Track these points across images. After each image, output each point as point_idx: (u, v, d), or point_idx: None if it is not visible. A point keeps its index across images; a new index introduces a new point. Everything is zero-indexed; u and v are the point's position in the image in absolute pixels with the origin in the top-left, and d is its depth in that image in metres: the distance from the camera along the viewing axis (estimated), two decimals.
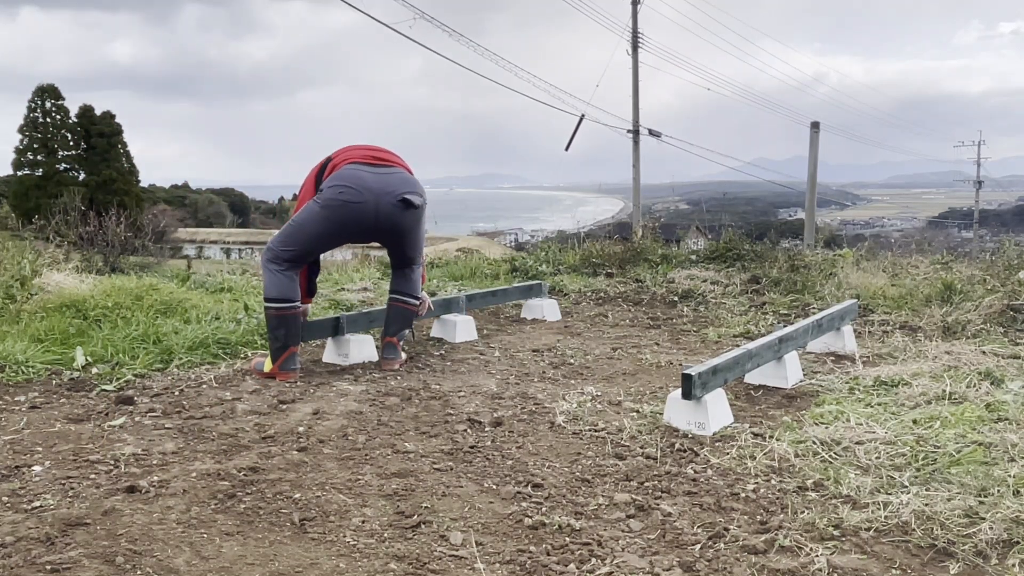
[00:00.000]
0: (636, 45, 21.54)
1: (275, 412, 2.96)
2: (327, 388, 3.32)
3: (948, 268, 6.19)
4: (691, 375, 2.66)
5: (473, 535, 1.93)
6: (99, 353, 3.61)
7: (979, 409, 2.78)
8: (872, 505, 2.08)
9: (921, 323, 4.63)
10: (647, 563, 1.79)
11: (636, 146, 21.16)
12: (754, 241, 7.93)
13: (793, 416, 2.86)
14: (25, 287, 4.59)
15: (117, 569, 1.74)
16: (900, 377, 3.26)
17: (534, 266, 7.10)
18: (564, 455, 2.51)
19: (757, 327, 4.71)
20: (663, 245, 8.20)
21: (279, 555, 1.81)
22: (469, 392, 3.25)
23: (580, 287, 6.27)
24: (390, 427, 2.78)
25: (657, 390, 3.31)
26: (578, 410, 2.97)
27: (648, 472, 2.35)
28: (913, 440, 2.50)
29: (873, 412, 2.83)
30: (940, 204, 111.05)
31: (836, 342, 4.02)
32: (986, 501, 2.05)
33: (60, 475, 2.28)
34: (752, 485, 2.24)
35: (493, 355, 4.02)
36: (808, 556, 1.82)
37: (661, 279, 6.46)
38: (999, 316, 4.65)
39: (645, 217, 15.70)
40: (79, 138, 37.64)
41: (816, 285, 5.88)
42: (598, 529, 1.97)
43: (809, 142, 14.95)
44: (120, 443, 2.57)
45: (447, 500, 2.14)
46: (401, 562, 1.79)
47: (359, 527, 1.97)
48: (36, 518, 1.98)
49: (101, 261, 7.21)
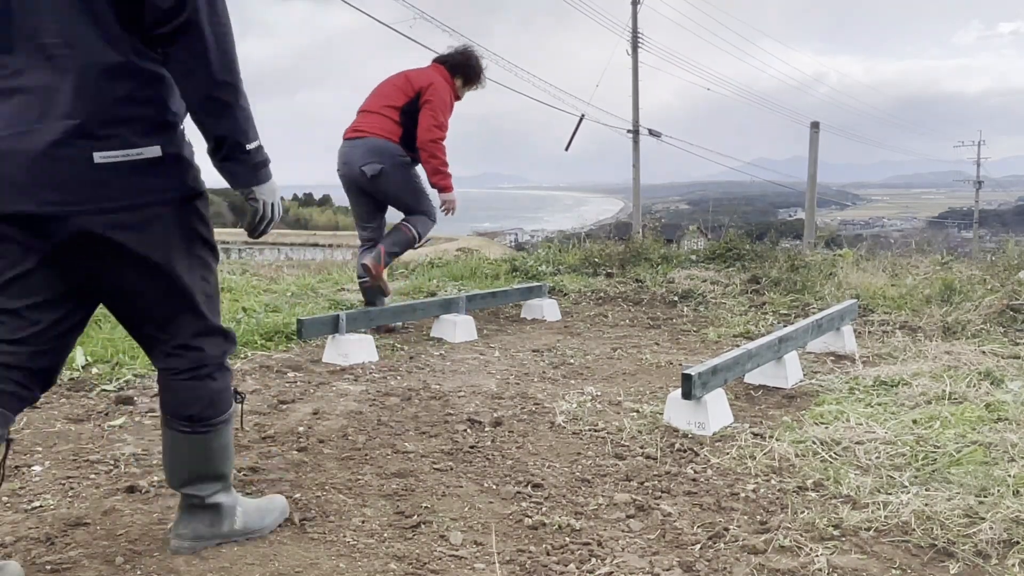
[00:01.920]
0: (636, 45, 21.55)
1: (275, 412, 2.96)
2: (327, 388, 3.33)
3: (948, 268, 6.19)
4: (691, 375, 2.66)
5: (473, 535, 1.93)
6: (99, 353, 3.61)
7: (979, 409, 2.78)
8: (872, 505, 2.08)
9: (921, 323, 4.63)
10: (647, 563, 1.79)
11: (636, 146, 21.17)
12: (754, 241, 7.93)
13: (793, 416, 2.86)
14: None
15: (117, 569, 1.74)
16: (900, 377, 3.26)
17: (534, 266, 7.11)
18: (564, 455, 2.51)
19: (757, 327, 4.71)
20: (663, 245, 8.20)
21: (279, 555, 1.81)
22: (469, 392, 3.25)
23: (580, 287, 6.27)
24: (390, 427, 2.78)
25: (657, 390, 3.31)
26: (578, 410, 2.97)
27: (648, 472, 2.35)
28: (913, 440, 2.50)
29: (873, 412, 2.83)
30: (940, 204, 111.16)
31: (836, 342, 4.02)
32: (986, 501, 2.05)
33: (60, 475, 2.28)
34: (752, 485, 2.24)
35: (493, 355, 4.02)
36: (808, 556, 1.82)
37: (661, 279, 6.46)
38: (999, 316, 4.65)
39: (645, 217, 15.72)
40: None
41: (816, 285, 5.88)
42: (598, 529, 1.97)
43: (809, 142, 14.94)
44: (120, 443, 2.57)
45: (447, 500, 2.14)
46: (401, 562, 1.79)
47: (359, 527, 1.97)
48: (36, 518, 1.98)
49: None
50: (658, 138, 21.83)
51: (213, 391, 1.76)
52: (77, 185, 1.53)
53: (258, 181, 1.70)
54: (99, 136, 1.53)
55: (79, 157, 1.52)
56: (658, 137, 21.79)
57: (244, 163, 1.67)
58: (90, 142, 1.53)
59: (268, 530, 1.91)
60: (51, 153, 1.51)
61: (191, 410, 1.74)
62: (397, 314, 4.37)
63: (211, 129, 1.62)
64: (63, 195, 1.53)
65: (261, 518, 1.91)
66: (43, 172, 1.51)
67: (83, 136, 1.52)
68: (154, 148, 1.59)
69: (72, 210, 1.53)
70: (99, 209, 1.55)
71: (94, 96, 1.53)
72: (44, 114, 1.51)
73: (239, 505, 1.87)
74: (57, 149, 1.51)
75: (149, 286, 1.66)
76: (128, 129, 1.56)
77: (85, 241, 1.57)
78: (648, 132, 21.45)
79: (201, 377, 1.75)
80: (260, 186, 1.71)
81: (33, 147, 1.51)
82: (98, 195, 1.55)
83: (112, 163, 1.54)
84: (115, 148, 1.55)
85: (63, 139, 1.51)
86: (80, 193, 1.53)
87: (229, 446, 1.84)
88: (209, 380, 1.76)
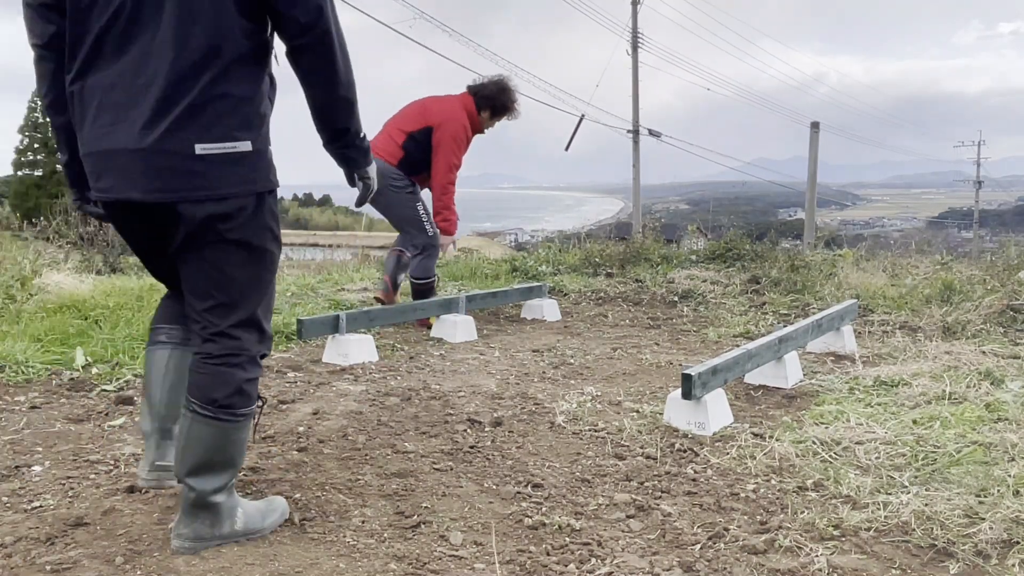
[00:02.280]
0: (636, 45, 21.55)
1: (275, 412, 2.96)
2: (327, 388, 3.33)
3: (948, 268, 6.19)
4: (691, 375, 2.66)
5: (473, 535, 1.93)
6: (99, 353, 3.61)
7: (979, 409, 2.78)
8: (872, 505, 2.08)
9: (921, 323, 4.63)
10: (647, 563, 1.79)
11: (636, 146, 21.16)
12: (754, 241, 7.93)
13: (793, 416, 2.86)
14: (25, 287, 4.59)
15: (117, 569, 1.74)
16: (900, 377, 3.26)
17: (534, 266, 7.11)
18: (564, 455, 2.51)
19: (757, 327, 4.71)
20: (663, 245, 8.20)
21: (279, 555, 1.81)
22: (469, 392, 3.25)
23: (580, 287, 6.27)
24: (390, 427, 2.78)
25: (657, 390, 3.31)
26: (578, 410, 2.97)
27: (648, 472, 2.35)
28: (913, 440, 2.50)
29: (873, 412, 2.83)
30: (940, 204, 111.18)
31: (836, 342, 4.02)
32: (986, 501, 2.05)
33: (60, 475, 2.28)
34: (752, 485, 2.24)
35: (493, 355, 4.02)
36: (808, 556, 1.82)
37: (661, 279, 6.46)
38: (999, 316, 4.65)
39: (645, 217, 15.70)
40: None
41: (816, 285, 5.88)
42: (598, 529, 1.97)
43: (809, 142, 14.94)
44: (120, 443, 2.57)
45: (447, 500, 2.14)
46: (401, 562, 1.79)
47: (359, 527, 1.97)
48: (36, 518, 1.98)
49: (101, 261, 7.19)
50: (658, 138, 21.82)
51: (241, 380, 1.83)
52: (179, 174, 1.70)
53: (368, 163, 1.99)
54: (200, 130, 1.69)
55: (182, 148, 1.68)
56: (658, 137, 21.79)
57: (359, 149, 1.93)
58: (192, 135, 1.68)
59: (268, 531, 1.92)
60: (157, 146, 1.68)
61: (217, 394, 1.80)
62: (397, 314, 4.37)
63: (335, 123, 1.85)
64: (166, 183, 1.70)
65: (262, 519, 1.93)
66: (150, 162, 1.68)
67: (187, 129, 1.68)
68: (246, 143, 1.74)
69: (173, 197, 1.71)
70: (195, 197, 1.71)
71: (199, 94, 1.67)
72: (154, 109, 1.67)
73: (239, 507, 1.89)
74: (163, 142, 1.67)
75: (220, 270, 1.79)
76: (225, 125, 1.71)
77: (180, 223, 1.74)
78: (648, 132, 21.45)
79: (232, 365, 1.82)
80: (369, 166, 2.00)
81: (142, 139, 1.67)
82: (195, 183, 1.71)
83: (210, 155, 1.70)
84: (214, 140, 1.70)
85: (169, 132, 1.67)
86: (181, 181, 1.70)
87: (243, 443, 1.88)
88: (239, 369, 1.83)
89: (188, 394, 1.83)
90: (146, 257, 1.98)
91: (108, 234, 7.19)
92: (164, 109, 1.66)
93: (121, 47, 1.68)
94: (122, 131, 1.68)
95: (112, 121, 1.69)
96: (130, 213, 1.79)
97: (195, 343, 1.85)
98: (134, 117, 1.67)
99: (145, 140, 1.67)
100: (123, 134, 1.68)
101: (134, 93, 1.67)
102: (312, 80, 1.78)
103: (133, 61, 1.67)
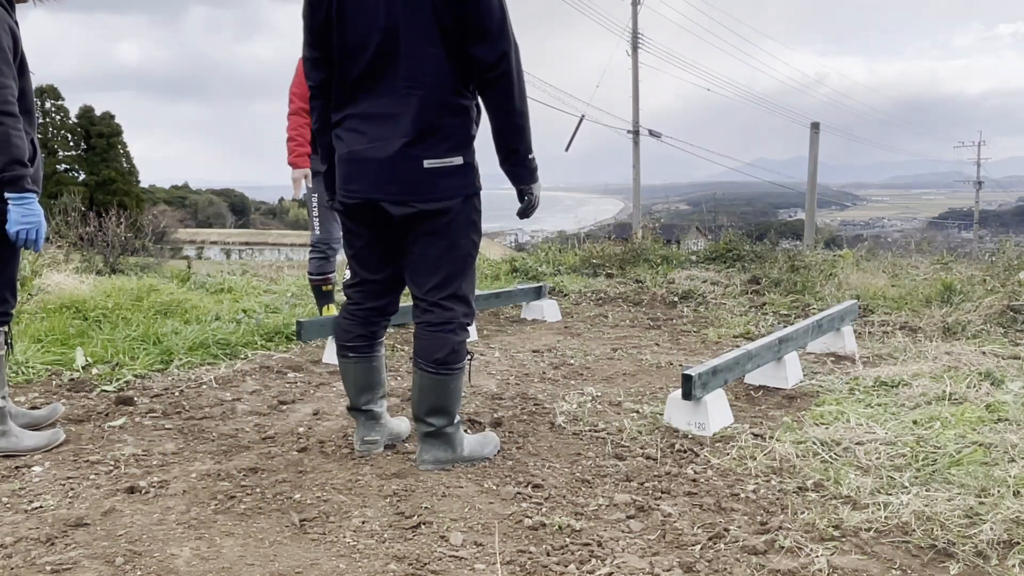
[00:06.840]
0: (636, 46, 21.55)
1: (275, 412, 2.96)
2: (327, 388, 3.33)
3: (948, 269, 6.20)
4: (691, 376, 2.66)
5: (473, 535, 1.93)
6: (99, 354, 3.61)
7: (979, 410, 2.78)
8: (872, 506, 2.07)
9: (921, 323, 4.63)
10: (647, 564, 1.78)
11: (636, 146, 21.17)
12: (754, 242, 7.94)
13: (793, 416, 2.86)
14: (25, 287, 4.59)
15: (117, 569, 1.74)
16: (900, 378, 3.26)
17: (534, 266, 7.11)
18: (564, 456, 2.51)
19: (757, 328, 4.71)
20: (663, 246, 8.21)
21: (279, 555, 1.81)
22: (469, 392, 3.25)
23: (580, 288, 6.27)
24: None
25: (657, 391, 3.31)
26: (578, 411, 2.97)
27: (648, 473, 2.35)
28: (913, 440, 2.50)
29: (873, 412, 2.83)
30: (940, 204, 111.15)
31: (836, 342, 4.02)
32: (986, 501, 2.04)
33: (60, 475, 2.28)
34: (752, 486, 2.24)
35: (493, 355, 4.02)
36: (808, 556, 1.82)
37: (661, 280, 6.47)
38: (999, 316, 4.65)
39: (645, 217, 15.71)
40: (79, 138, 37.66)
41: (816, 286, 5.88)
42: (598, 530, 1.97)
43: (809, 143, 14.95)
44: (120, 444, 2.57)
45: (447, 500, 2.14)
46: (401, 562, 1.79)
47: (359, 527, 1.97)
48: (36, 518, 1.98)
49: (101, 262, 7.19)
50: (658, 138, 21.83)
51: (454, 342, 2.30)
52: (411, 182, 2.18)
53: (533, 180, 2.33)
54: (427, 148, 2.17)
55: (414, 163, 2.17)
56: (658, 137, 21.79)
57: (527, 167, 2.30)
58: (422, 152, 2.16)
59: (488, 457, 2.43)
60: (395, 160, 2.17)
61: (438, 354, 2.29)
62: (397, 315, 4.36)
63: (509, 143, 2.25)
64: (401, 188, 2.19)
65: (481, 448, 2.43)
66: (390, 173, 2.18)
67: (417, 148, 2.16)
68: (458, 158, 2.21)
69: (406, 199, 2.20)
70: (423, 199, 2.19)
71: (427, 121, 2.16)
72: (394, 131, 2.16)
73: (464, 438, 2.41)
74: (399, 157, 2.16)
75: (436, 255, 2.26)
76: (446, 144, 2.19)
77: (411, 220, 2.23)
78: (648, 132, 21.45)
79: (447, 331, 2.29)
80: (535, 184, 2.34)
81: (385, 155, 2.18)
82: (423, 190, 2.19)
83: (435, 167, 2.18)
84: (437, 157, 2.18)
85: (404, 150, 2.16)
86: (413, 188, 2.18)
87: (460, 389, 2.36)
88: (452, 334, 2.30)
89: (415, 354, 2.33)
90: (365, 250, 2.39)
91: (108, 234, 7.19)
92: (403, 134, 2.14)
93: (371, 88, 2.19)
94: (373, 150, 2.18)
95: (365, 142, 2.19)
96: (370, 211, 2.26)
97: (417, 316, 2.33)
98: (381, 139, 2.17)
99: (389, 155, 2.16)
100: (373, 151, 2.18)
101: (380, 122, 2.17)
102: (492, 108, 2.20)
103: (379, 99, 2.18)
